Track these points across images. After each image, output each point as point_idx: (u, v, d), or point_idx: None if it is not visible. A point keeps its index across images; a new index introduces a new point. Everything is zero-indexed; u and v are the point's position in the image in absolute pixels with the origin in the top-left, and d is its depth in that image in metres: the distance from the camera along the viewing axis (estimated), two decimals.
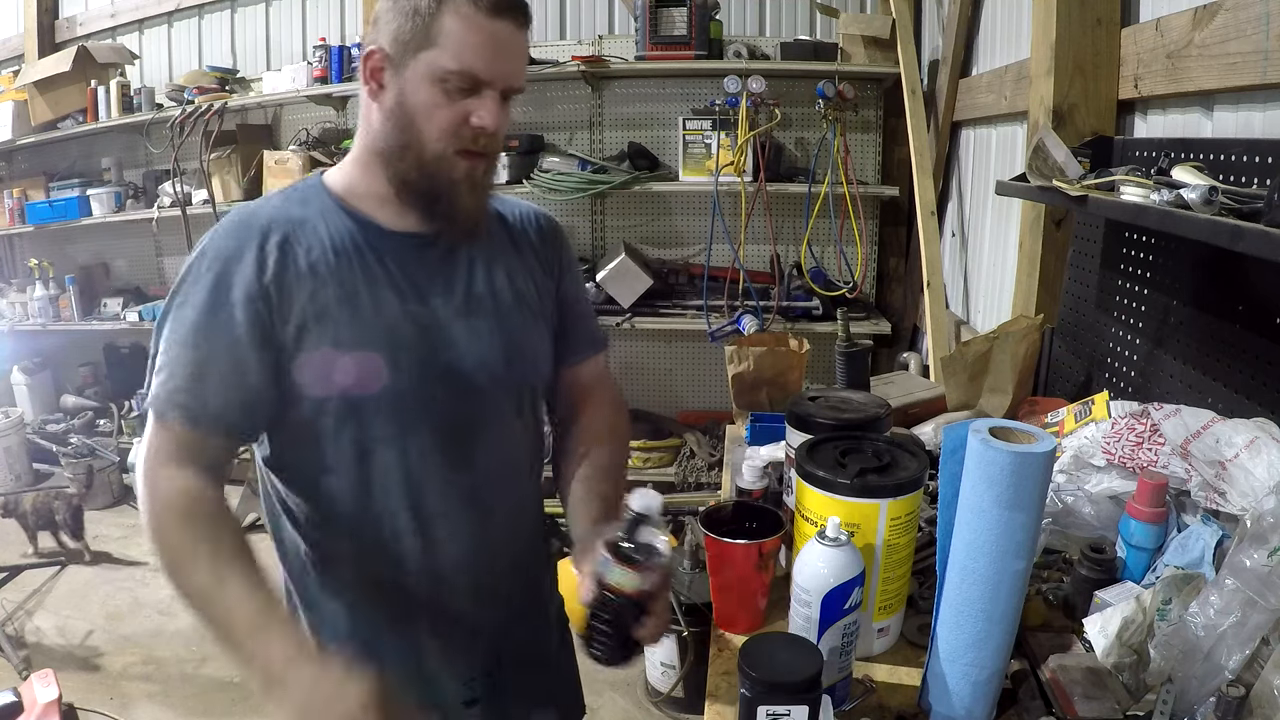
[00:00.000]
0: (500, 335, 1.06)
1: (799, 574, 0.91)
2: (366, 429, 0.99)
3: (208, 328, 0.94)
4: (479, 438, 1.06)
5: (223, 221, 1.00)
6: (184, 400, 0.93)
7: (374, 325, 0.98)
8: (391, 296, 1.00)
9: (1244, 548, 0.84)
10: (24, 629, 2.91)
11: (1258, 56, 1.21)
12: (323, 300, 0.96)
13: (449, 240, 1.04)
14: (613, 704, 2.51)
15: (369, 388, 0.98)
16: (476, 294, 1.06)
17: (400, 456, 1.01)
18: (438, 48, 0.92)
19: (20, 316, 4.17)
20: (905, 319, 3.46)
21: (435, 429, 1.02)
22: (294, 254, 0.96)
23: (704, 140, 3.23)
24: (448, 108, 0.94)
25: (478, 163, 0.99)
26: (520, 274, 1.12)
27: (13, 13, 4.31)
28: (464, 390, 1.03)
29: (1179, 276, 1.42)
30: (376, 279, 0.99)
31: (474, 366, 1.04)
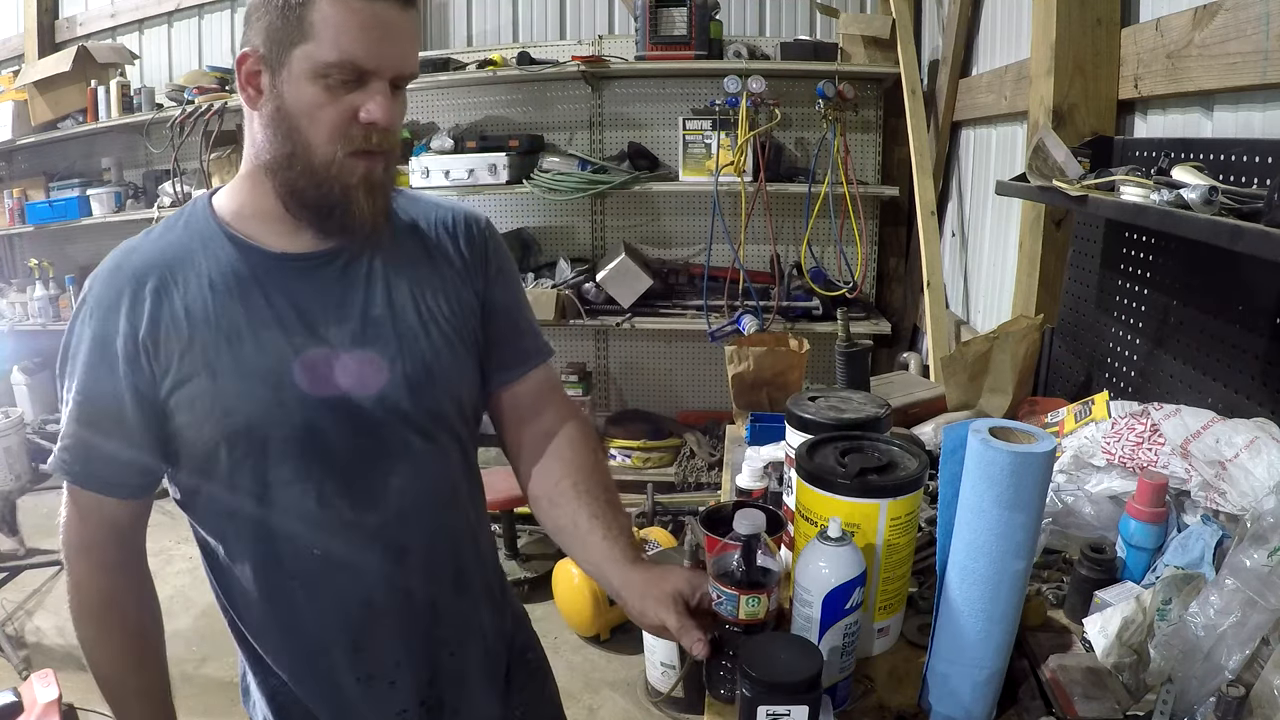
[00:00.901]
0: (402, 362, 0.97)
1: (800, 574, 0.91)
2: (261, 475, 0.93)
3: (89, 389, 0.91)
4: (383, 474, 0.97)
5: (103, 264, 0.94)
6: (73, 465, 0.93)
7: (257, 368, 0.91)
8: (276, 333, 0.92)
9: (1244, 548, 0.84)
10: (24, 629, 2.91)
11: (1258, 56, 1.21)
12: (200, 348, 0.90)
13: (346, 256, 0.96)
14: (613, 704, 2.51)
15: (257, 433, 0.91)
16: (374, 317, 0.96)
17: (300, 500, 0.94)
18: (313, 40, 0.83)
19: (20, 316, 4.17)
20: (905, 319, 3.46)
21: (333, 469, 0.95)
22: (170, 299, 0.90)
23: (704, 140, 3.23)
24: (332, 105, 0.85)
25: (374, 162, 0.90)
26: (431, 290, 1.01)
27: (13, 13, 4.31)
28: (361, 426, 0.95)
29: (1179, 276, 1.42)
30: (259, 315, 0.91)
31: (372, 399, 0.95)
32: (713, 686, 0.96)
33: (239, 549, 0.98)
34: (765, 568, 0.92)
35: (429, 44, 3.85)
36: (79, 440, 0.92)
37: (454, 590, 1.06)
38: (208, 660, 2.75)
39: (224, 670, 2.70)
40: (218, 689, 2.61)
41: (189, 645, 2.84)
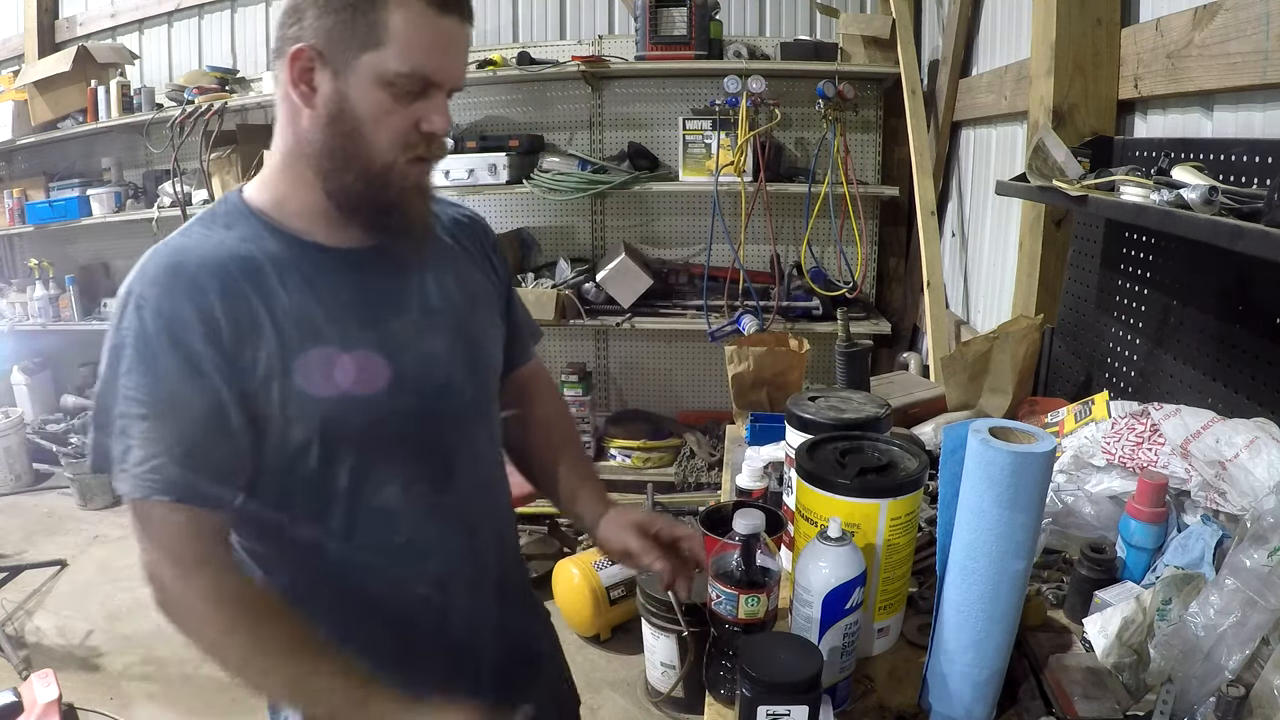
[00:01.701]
0: (461, 348, 1.02)
1: (800, 574, 0.91)
2: (350, 468, 0.93)
3: (177, 396, 0.84)
4: (456, 457, 1.02)
5: (148, 269, 0.87)
6: (169, 479, 0.83)
7: (340, 363, 0.90)
8: (351, 327, 0.92)
9: (1244, 548, 0.84)
10: (24, 629, 2.91)
11: (1258, 56, 1.21)
12: (282, 346, 0.88)
13: (394, 250, 0.97)
14: (613, 704, 2.51)
15: (346, 427, 0.91)
16: (431, 308, 0.99)
17: (386, 488, 0.95)
18: (386, 48, 0.84)
19: (20, 316, 4.17)
20: (905, 319, 3.46)
21: (413, 455, 0.97)
22: (242, 298, 0.87)
23: (704, 140, 3.23)
24: (398, 113, 0.87)
25: (426, 169, 0.93)
26: (468, 281, 1.06)
27: (13, 13, 4.31)
28: (432, 411, 0.98)
29: (1179, 276, 1.42)
30: (332, 310, 0.91)
31: (440, 385, 0.98)
32: (713, 686, 0.96)
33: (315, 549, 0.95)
34: (765, 568, 0.92)
35: None
36: (177, 453, 0.84)
37: (512, 565, 1.17)
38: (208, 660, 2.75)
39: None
40: (217, 689, 2.61)
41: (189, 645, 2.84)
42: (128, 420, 0.84)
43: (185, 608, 0.86)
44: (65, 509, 3.93)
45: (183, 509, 0.85)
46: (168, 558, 0.85)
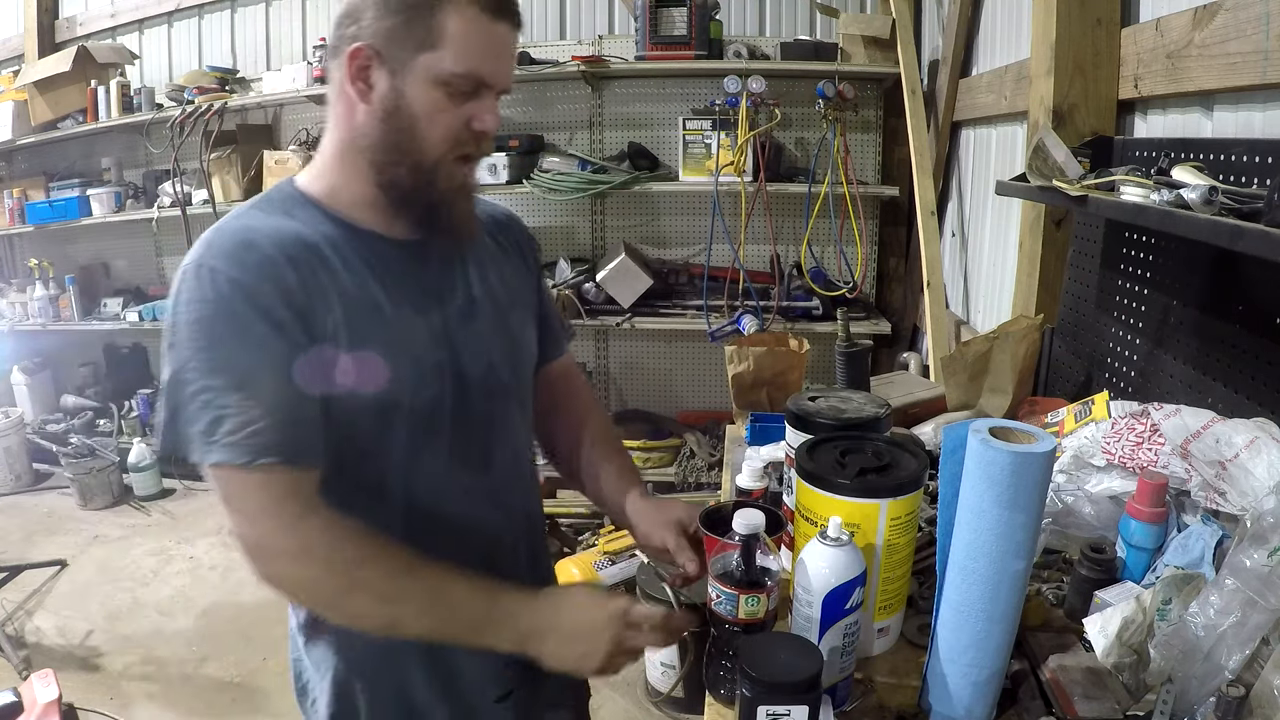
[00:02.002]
0: (501, 337, 1.07)
1: (800, 574, 0.91)
2: (402, 442, 0.97)
3: (267, 361, 0.86)
4: (493, 440, 1.07)
5: (216, 245, 0.90)
6: (275, 441, 0.86)
7: (400, 342, 0.96)
8: (409, 310, 0.98)
9: (1244, 548, 0.84)
10: (24, 629, 2.91)
11: (1258, 56, 1.21)
12: (349, 321, 0.92)
13: (440, 243, 1.02)
14: (613, 704, 2.51)
15: (402, 403, 0.96)
16: (475, 297, 1.05)
17: (431, 464, 1.00)
18: (442, 49, 0.89)
19: (20, 316, 4.17)
20: (905, 319, 3.46)
21: (457, 435, 1.02)
22: (313, 274, 0.91)
23: (704, 140, 3.23)
24: (451, 112, 0.92)
25: (471, 167, 0.99)
26: (506, 275, 1.12)
27: (13, 13, 4.31)
28: (475, 395, 1.03)
29: (1179, 276, 1.42)
30: (392, 293, 0.97)
31: (484, 370, 1.04)
32: (713, 686, 0.96)
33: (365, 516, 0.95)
34: (765, 568, 0.92)
35: None
36: (276, 417, 0.86)
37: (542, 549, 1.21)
38: (208, 660, 2.75)
39: (224, 670, 2.70)
40: (217, 689, 2.61)
41: (189, 645, 2.84)
42: (212, 393, 0.85)
43: (302, 560, 0.87)
44: (65, 509, 3.93)
45: (284, 470, 0.87)
46: (272, 519, 0.87)
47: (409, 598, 0.89)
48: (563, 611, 0.93)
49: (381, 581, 0.88)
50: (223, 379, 0.85)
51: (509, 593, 0.93)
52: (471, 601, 0.91)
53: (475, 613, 0.91)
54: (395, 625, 0.91)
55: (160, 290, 4.25)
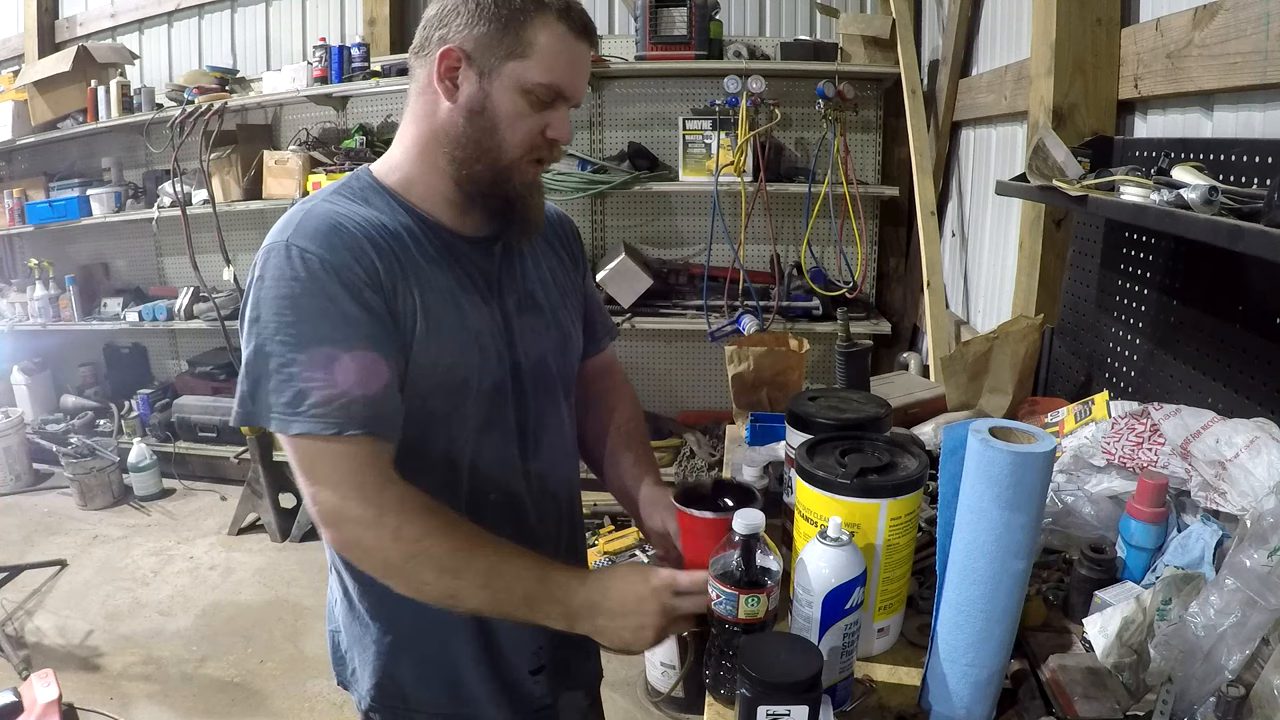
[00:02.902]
0: (555, 330, 1.14)
1: (800, 574, 0.91)
2: (464, 423, 1.04)
3: (357, 336, 0.91)
4: (544, 427, 1.13)
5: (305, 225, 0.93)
6: (363, 414, 0.90)
7: (471, 328, 1.02)
8: (479, 300, 1.05)
9: (1244, 548, 0.84)
10: (24, 629, 2.91)
11: (1258, 56, 1.21)
12: (426, 305, 0.98)
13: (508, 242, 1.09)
14: (613, 704, 2.51)
15: (468, 386, 1.02)
16: (532, 291, 1.12)
17: (487, 447, 1.06)
18: (530, 60, 0.95)
19: (20, 316, 4.17)
20: (905, 319, 3.46)
21: (512, 421, 1.09)
22: (395, 258, 0.97)
23: (704, 140, 3.23)
24: (531, 118, 0.98)
25: (541, 170, 1.06)
26: (559, 270, 1.19)
27: (13, 13, 4.31)
28: (529, 383, 1.10)
29: (1179, 276, 1.42)
30: (463, 283, 1.03)
31: (539, 361, 1.11)
32: (713, 686, 0.96)
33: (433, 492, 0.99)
34: (765, 567, 0.92)
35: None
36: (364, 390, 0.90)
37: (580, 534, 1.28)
38: (208, 660, 2.75)
39: (224, 670, 2.70)
40: (218, 689, 2.61)
41: (189, 645, 2.84)
42: (300, 365, 0.90)
43: (376, 528, 0.91)
44: (65, 509, 3.93)
45: (368, 441, 0.91)
46: (352, 488, 0.91)
47: (469, 571, 0.93)
48: (611, 589, 0.95)
49: (445, 555, 0.92)
50: (309, 353, 0.89)
51: (562, 571, 0.96)
52: (526, 578, 0.94)
53: (529, 589, 0.94)
54: (455, 597, 0.94)
55: (160, 290, 4.25)
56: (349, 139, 3.64)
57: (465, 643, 1.10)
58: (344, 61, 3.48)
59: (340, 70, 3.48)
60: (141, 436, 4.09)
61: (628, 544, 2.84)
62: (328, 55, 3.48)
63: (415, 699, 1.12)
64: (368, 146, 3.53)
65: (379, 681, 1.12)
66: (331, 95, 3.59)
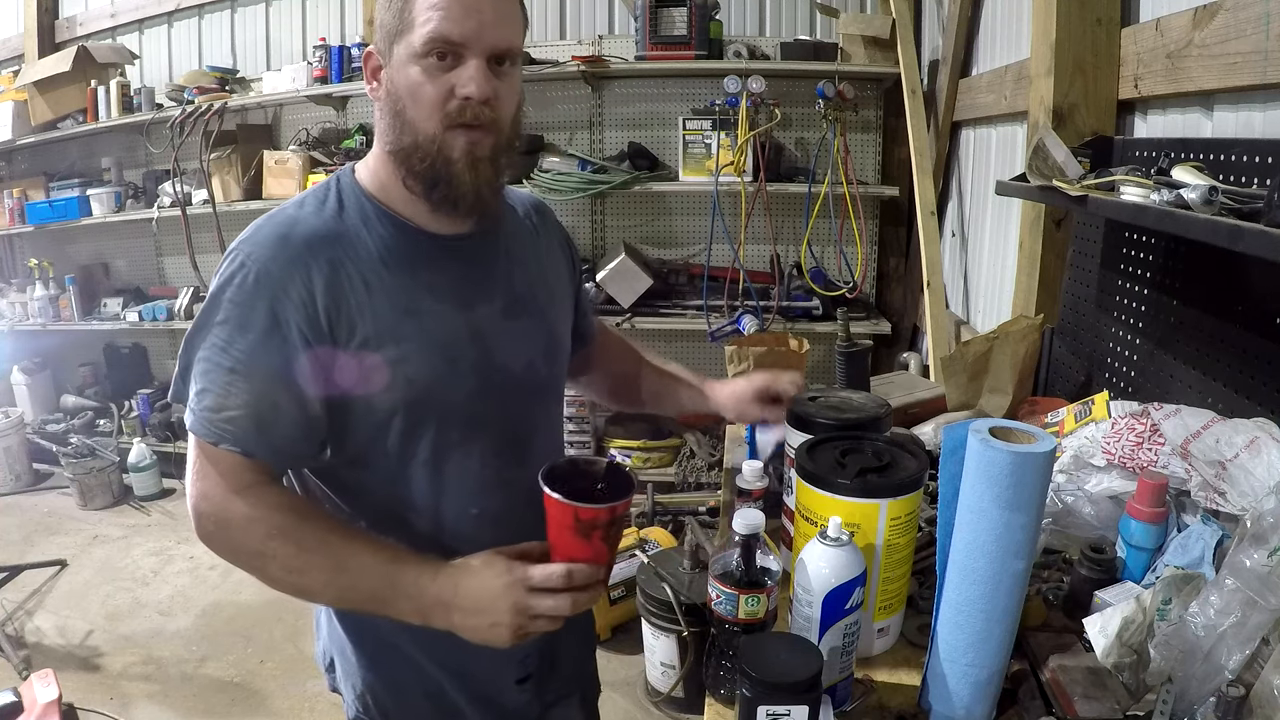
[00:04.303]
0: (541, 334, 1.10)
1: (800, 574, 0.91)
2: (432, 440, 1.00)
3: (262, 357, 0.90)
4: (533, 434, 1.09)
5: (260, 232, 0.95)
6: (241, 432, 0.91)
7: (436, 340, 0.98)
8: (448, 307, 1.00)
9: (1244, 548, 0.84)
10: (24, 629, 2.91)
11: (1258, 56, 1.21)
12: (381, 319, 0.95)
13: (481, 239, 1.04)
14: (613, 704, 2.51)
15: (434, 401, 0.98)
16: (517, 294, 1.07)
17: (464, 462, 1.02)
18: (412, 29, 0.91)
19: (20, 316, 4.17)
20: (905, 319, 3.46)
21: (492, 432, 1.04)
22: (346, 271, 0.94)
23: (704, 140, 3.23)
24: (430, 84, 0.92)
25: (476, 137, 0.94)
26: (547, 269, 1.15)
27: (13, 13, 4.31)
28: (514, 392, 1.05)
29: (1179, 276, 1.42)
30: (431, 290, 0.99)
31: (524, 369, 1.06)
32: (713, 686, 0.96)
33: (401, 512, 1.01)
34: (765, 567, 0.92)
35: None
36: (250, 411, 0.91)
37: None
38: (208, 660, 2.75)
39: (224, 670, 2.70)
40: (218, 689, 2.61)
41: (189, 645, 2.84)
42: (208, 365, 0.91)
43: (225, 527, 0.92)
44: (65, 509, 3.93)
45: (240, 458, 0.92)
46: (221, 484, 0.92)
47: (313, 570, 0.92)
48: (460, 586, 0.90)
49: (291, 554, 0.91)
50: (221, 358, 0.91)
51: (413, 567, 0.92)
52: (372, 576, 0.91)
53: (376, 587, 0.91)
54: (306, 593, 0.95)
55: (161, 290, 4.26)
56: (349, 139, 3.64)
57: (444, 652, 1.07)
58: (344, 61, 3.48)
59: (340, 70, 3.48)
60: (141, 436, 4.09)
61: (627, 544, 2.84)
62: (328, 55, 3.48)
63: (396, 712, 1.10)
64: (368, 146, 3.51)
65: (361, 693, 1.10)
66: (331, 95, 3.59)
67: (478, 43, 0.91)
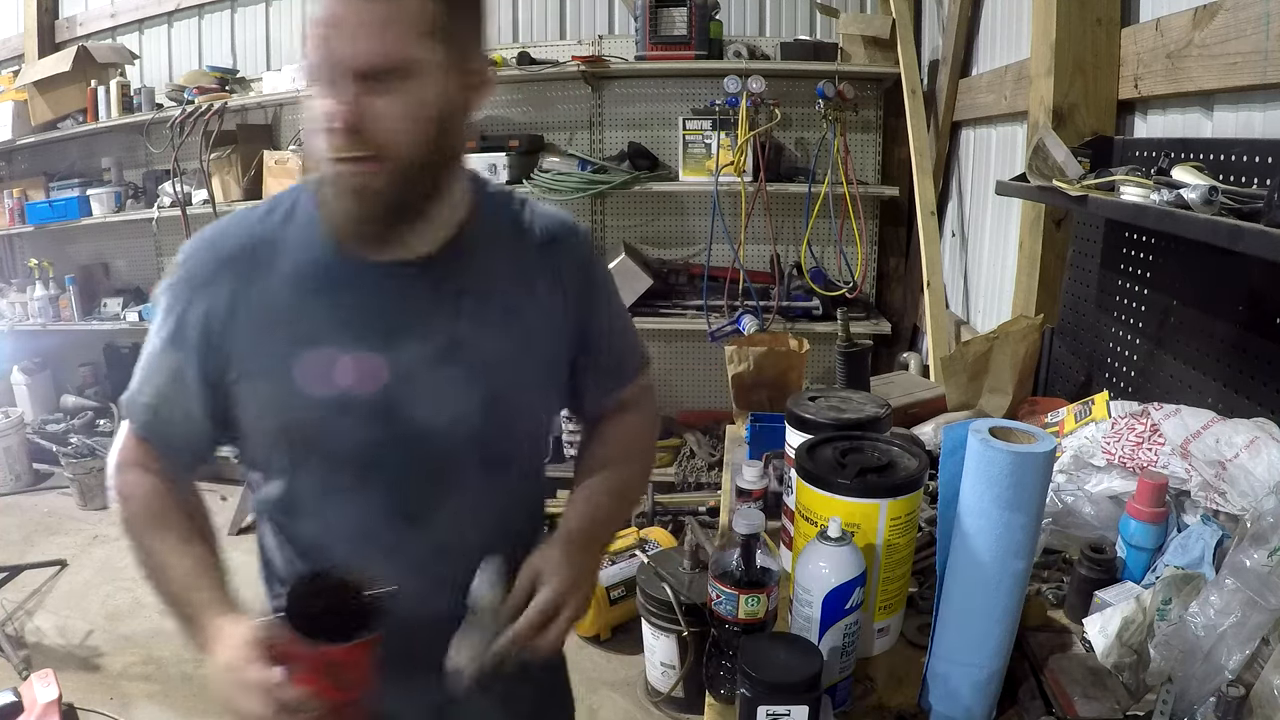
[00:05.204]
0: (481, 387, 0.93)
1: (800, 574, 0.91)
2: (319, 478, 0.93)
3: (168, 358, 0.92)
4: (438, 502, 0.94)
5: (201, 236, 0.94)
6: (144, 417, 0.95)
7: (328, 374, 0.88)
8: (354, 343, 0.89)
9: (1244, 548, 0.84)
10: (24, 629, 2.91)
11: (1258, 56, 1.21)
12: (274, 344, 0.89)
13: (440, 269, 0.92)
14: (613, 704, 2.51)
15: (318, 439, 0.90)
16: (460, 339, 0.92)
17: (350, 509, 0.94)
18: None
19: (20, 316, 4.17)
20: (905, 319, 3.46)
21: (390, 488, 0.93)
22: (255, 288, 0.89)
23: (704, 140, 3.23)
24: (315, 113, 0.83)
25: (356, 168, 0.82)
26: (522, 311, 0.97)
27: (13, 13, 4.31)
28: (426, 450, 0.92)
29: (1179, 276, 1.42)
30: (341, 320, 0.89)
31: (442, 424, 0.92)
32: (713, 686, 0.96)
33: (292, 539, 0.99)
34: (765, 568, 0.92)
35: None
36: (152, 402, 0.94)
37: None
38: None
39: None
40: None
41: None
42: (146, 353, 0.95)
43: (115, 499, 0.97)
44: (65, 509, 3.93)
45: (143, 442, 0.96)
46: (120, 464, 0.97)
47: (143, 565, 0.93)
48: (211, 640, 0.83)
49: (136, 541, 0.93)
50: (148, 345, 0.95)
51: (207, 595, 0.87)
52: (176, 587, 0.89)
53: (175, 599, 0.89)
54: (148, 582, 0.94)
55: None
56: None
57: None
58: None
59: None
60: None
61: (627, 544, 2.84)
62: None
63: None
64: None
65: None
66: None
67: (340, 63, 0.80)
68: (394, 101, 0.81)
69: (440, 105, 0.84)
